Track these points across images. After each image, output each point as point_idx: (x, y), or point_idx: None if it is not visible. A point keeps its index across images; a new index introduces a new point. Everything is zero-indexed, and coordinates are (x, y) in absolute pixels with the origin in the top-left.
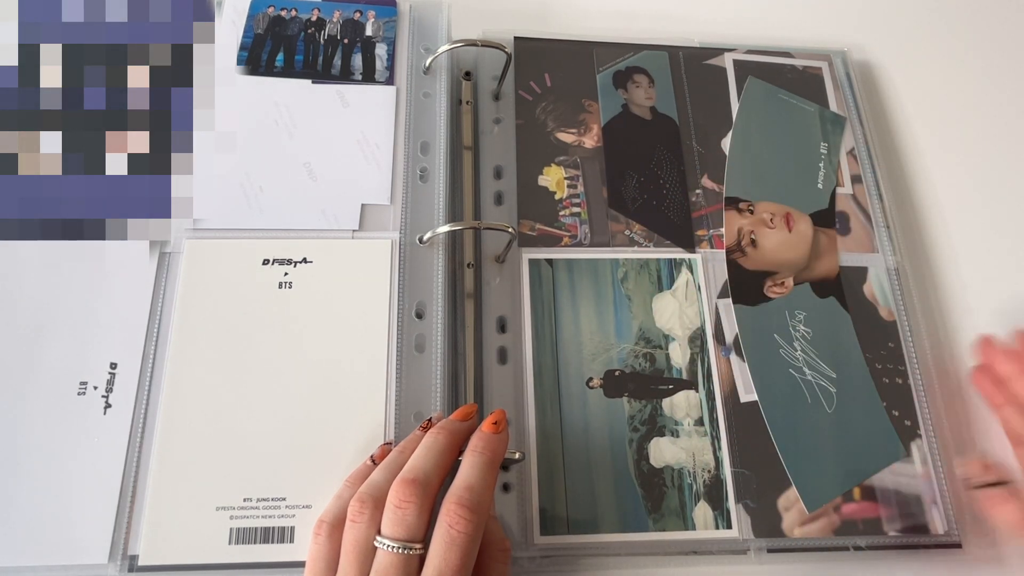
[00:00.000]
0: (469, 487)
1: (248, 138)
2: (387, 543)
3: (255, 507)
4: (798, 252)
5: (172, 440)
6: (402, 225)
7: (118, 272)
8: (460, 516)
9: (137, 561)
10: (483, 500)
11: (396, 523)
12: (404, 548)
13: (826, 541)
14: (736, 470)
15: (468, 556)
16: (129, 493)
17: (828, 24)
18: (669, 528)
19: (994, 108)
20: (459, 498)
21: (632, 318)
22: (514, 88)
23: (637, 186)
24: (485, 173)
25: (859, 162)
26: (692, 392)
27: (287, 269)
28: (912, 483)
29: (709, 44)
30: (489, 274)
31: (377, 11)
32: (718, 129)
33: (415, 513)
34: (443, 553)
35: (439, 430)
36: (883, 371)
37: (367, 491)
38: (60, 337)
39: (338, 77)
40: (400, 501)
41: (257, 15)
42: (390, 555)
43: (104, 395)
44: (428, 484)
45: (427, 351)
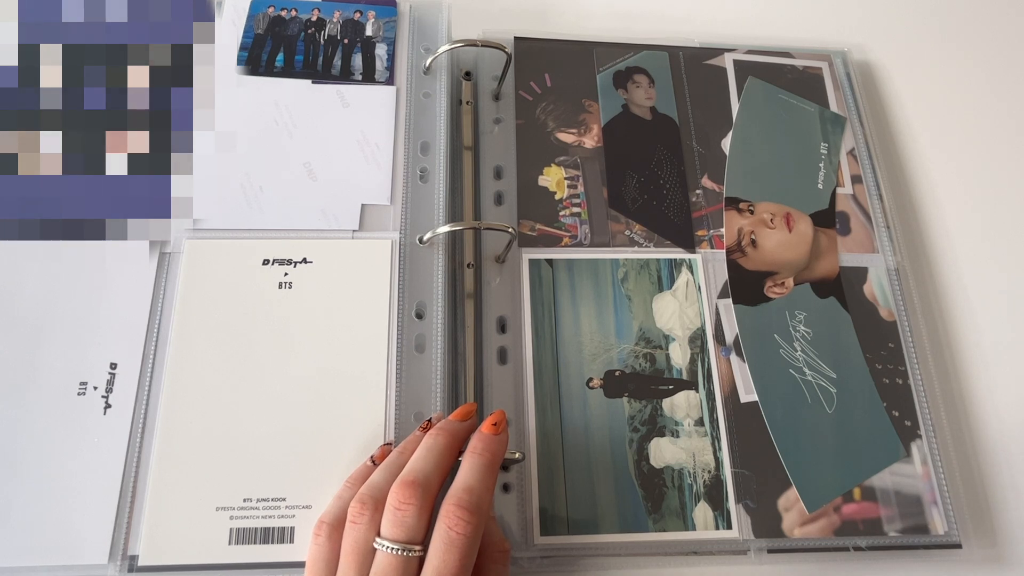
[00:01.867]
0: (468, 488)
1: (248, 138)
2: (387, 544)
3: (255, 507)
4: (798, 252)
5: (172, 440)
6: (402, 225)
7: (118, 272)
8: (459, 518)
9: (137, 561)
10: (482, 501)
11: (396, 525)
12: (404, 550)
13: (826, 541)
14: (736, 470)
15: (467, 557)
16: (129, 493)
17: (828, 24)
18: (669, 528)
19: (994, 108)
20: (458, 499)
21: (632, 318)
22: (514, 88)
23: (637, 186)
24: (485, 173)
25: (859, 162)
26: (692, 392)
27: (287, 269)
28: (912, 483)
29: (709, 44)
30: (489, 274)
31: (377, 11)
32: (718, 129)
33: (415, 515)
34: (442, 555)
35: (439, 431)
36: (883, 371)
37: (367, 492)
38: (60, 337)
39: (338, 77)
40: (400, 503)
41: (257, 15)
42: (390, 556)
43: (104, 395)
44: (428, 486)
45: (427, 351)
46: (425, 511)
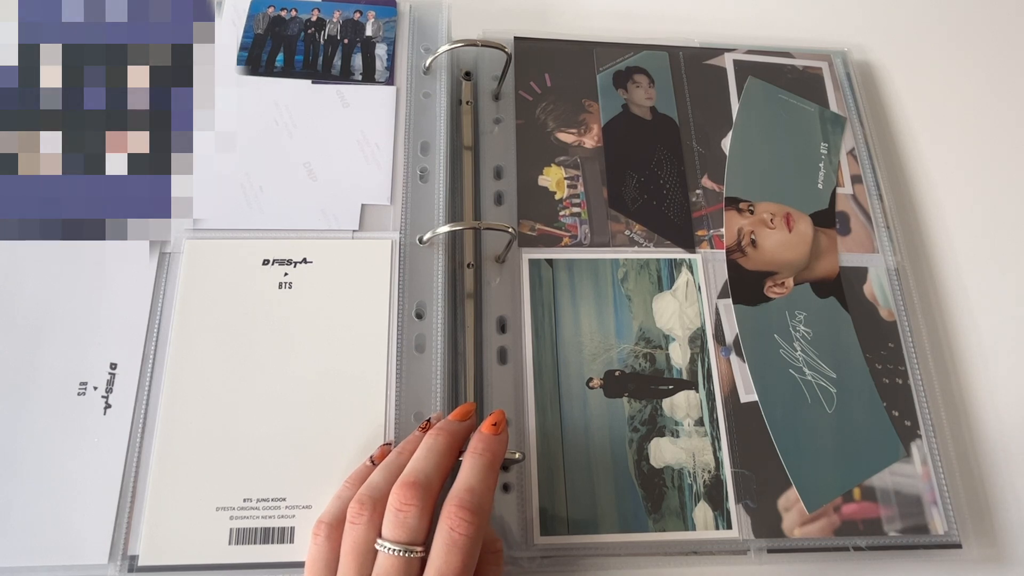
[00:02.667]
0: (470, 489)
1: (248, 138)
2: (388, 546)
3: (255, 507)
4: (798, 252)
5: (172, 440)
6: (402, 225)
7: (118, 272)
8: (461, 519)
9: (137, 561)
10: (484, 502)
11: (397, 526)
12: (405, 551)
13: (826, 541)
14: (736, 470)
15: (470, 558)
16: (129, 493)
17: (828, 24)
18: (669, 528)
19: (994, 108)
20: (460, 500)
21: (632, 318)
22: (514, 88)
23: (637, 186)
24: (485, 173)
25: (859, 162)
26: (692, 392)
27: (287, 269)
28: (912, 483)
29: (709, 44)
30: (489, 274)
31: (377, 11)
32: (718, 129)
33: (416, 515)
34: (444, 556)
35: (439, 431)
36: (883, 371)
37: (366, 492)
38: (60, 337)
39: (338, 77)
40: (401, 504)
41: (257, 15)
42: (391, 558)
43: (104, 395)
44: (429, 486)
45: (427, 351)
46: (427, 512)
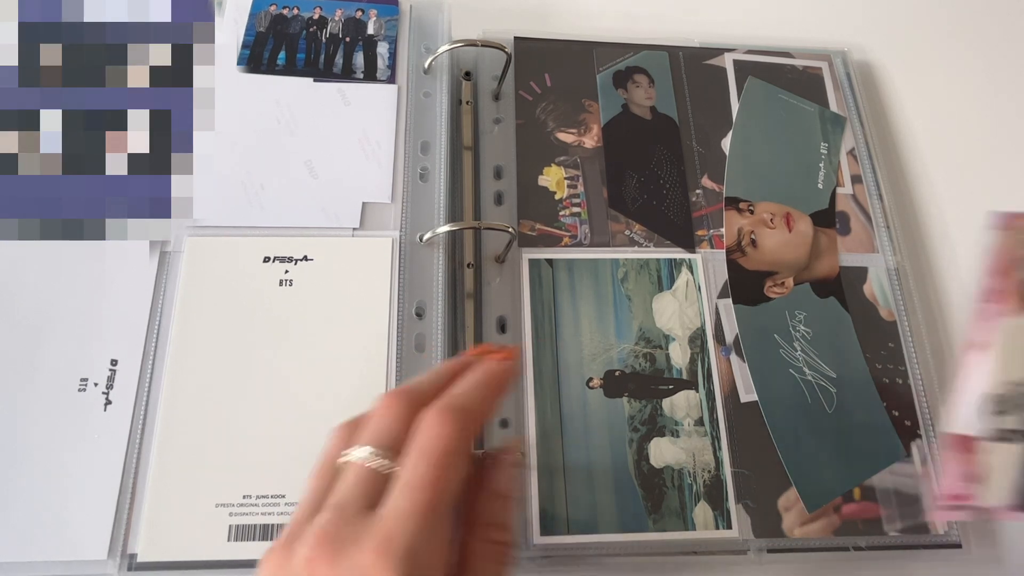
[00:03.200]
0: (457, 395)
1: (249, 136)
2: (355, 453)
3: (254, 504)
4: (798, 252)
5: (172, 437)
6: (402, 224)
7: (118, 270)
8: (436, 420)
9: (136, 558)
10: (470, 412)
11: (374, 431)
12: (374, 457)
13: (826, 541)
14: (736, 470)
15: (444, 472)
16: (129, 490)
17: (828, 24)
18: (669, 528)
19: (994, 108)
20: (442, 404)
21: (632, 318)
22: (514, 88)
23: (637, 186)
24: (485, 173)
25: (859, 162)
26: (692, 392)
27: (288, 267)
28: (912, 483)
29: (709, 44)
30: (489, 274)
31: (379, 10)
32: (718, 129)
33: (395, 418)
34: (412, 464)
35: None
36: (883, 371)
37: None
38: (60, 334)
39: (340, 76)
40: (385, 408)
41: (259, 13)
42: (354, 465)
43: (104, 392)
44: (419, 398)
45: (427, 351)
46: (408, 418)
